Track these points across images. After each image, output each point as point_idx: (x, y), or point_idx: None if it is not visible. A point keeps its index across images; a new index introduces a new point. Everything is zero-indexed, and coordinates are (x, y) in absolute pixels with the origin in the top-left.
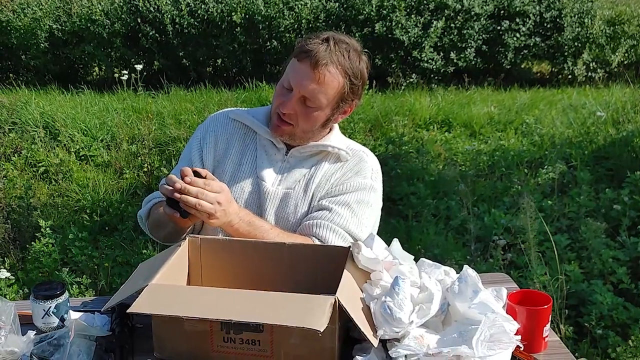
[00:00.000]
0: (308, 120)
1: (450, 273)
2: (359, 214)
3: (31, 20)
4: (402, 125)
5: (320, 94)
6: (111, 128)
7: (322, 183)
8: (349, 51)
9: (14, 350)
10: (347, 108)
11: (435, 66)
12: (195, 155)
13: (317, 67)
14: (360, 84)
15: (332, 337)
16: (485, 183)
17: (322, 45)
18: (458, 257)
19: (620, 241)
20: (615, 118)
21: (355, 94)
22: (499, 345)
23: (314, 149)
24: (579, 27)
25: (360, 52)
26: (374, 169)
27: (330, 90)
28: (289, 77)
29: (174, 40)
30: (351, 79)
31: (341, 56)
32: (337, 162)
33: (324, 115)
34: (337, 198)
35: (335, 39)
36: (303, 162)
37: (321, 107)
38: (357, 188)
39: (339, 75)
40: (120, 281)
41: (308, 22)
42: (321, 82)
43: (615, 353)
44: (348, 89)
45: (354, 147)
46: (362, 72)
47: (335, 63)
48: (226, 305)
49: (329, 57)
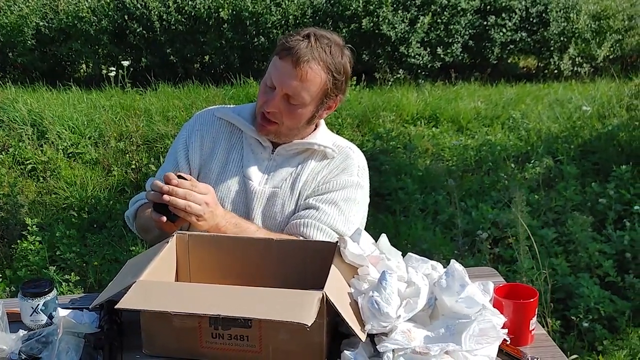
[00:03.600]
0: (293, 117)
1: (438, 267)
2: (346, 211)
3: (18, 17)
4: (390, 120)
5: (303, 91)
6: (99, 125)
7: (309, 181)
8: (330, 46)
9: (2, 348)
10: (331, 103)
11: (422, 61)
12: (181, 155)
13: (299, 64)
14: (343, 79)
15: (320, 331)
16: (472, 178)
17: (303, 42)
18: (446, 252)
19: (607, 234)
20: (601, 112)
21: (339, 89)
22: (486, 340)
23: (300, 146)
24: (564, 21)
25: (343, 46)
26: (360, 165)
27: (313, 86)
28: (272, 76)
29: (161, 37)
30: (334, 75)
31: (322, 52)
32: (323, 159)
33: (308, 111)
34: (324, 196)
35: (316, 35)
36: (289, 160)
37: (305, 104)
38: (344, 186)
39: (321, 72)
40: (109, 278)
41: (295, 18)
42: (303, 79)
43: (602, 346)
44: (331, 85)
45: (340, 144)
46: (345, 66)
47: (316, 59)
48: (214, 300)
49: (310, 53)
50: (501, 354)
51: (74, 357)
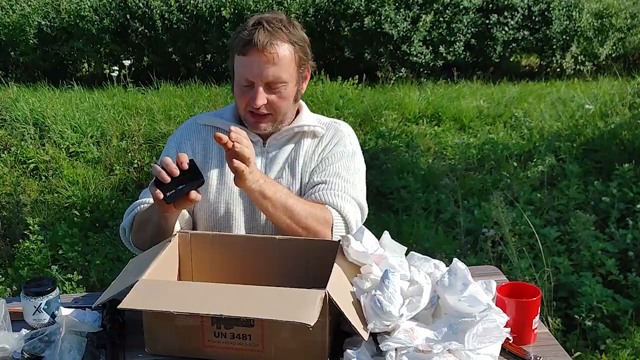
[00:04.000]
0: (283, 100)
1: (440, 266)
2: (351, 179)
3: (20, 16)
4: (392, 119)
5: (280, 72)
6: (101, 124)
7: (307, 162)
8: (280, 21)
9: (5, 347)
10: (306, 73)
11: (425, 60)
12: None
13: (266, 50)
14: (305, 45)
15: (323, 331)
16: (474, 176)
17: (257, 29)
18: (448, 251)
19: (609, 233)
20: (603, 111)
21: (307, 55)
22: (489, 338)
23: (290, 132)
24: (567, 20)
25: (289, 18)
26: (350, 134)
27: (287, 63)
28: (244, 75)
29: (163, 35)
30: (297, 44)
31: (278, 30)
32: (314, 138)
33: (292, 88)
34: (326, 171)
35: (265, 19)
36: (282, 148)
37: (287, 82)
38: (341, 157)
39: (287, 47)
40: (111, 277)
41: (297, 17)
42: (276, 61)
43: (605, 345)
44: (299, 52)
45: (326, 120)
46: (301, 34)
47: (278, 38)
48: (217, 300)
49: (270, 35)
50: (504, 353)
51: (77, 356)
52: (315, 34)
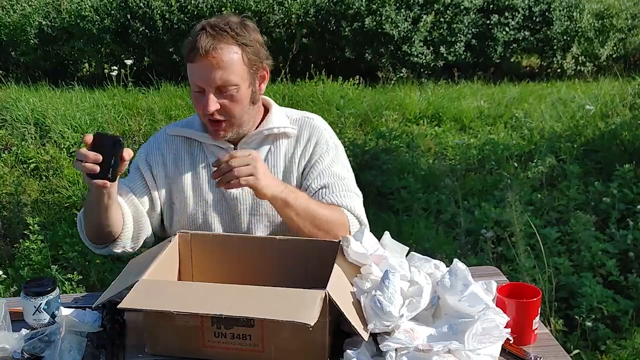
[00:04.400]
0: (236, 104)
1: (440, 267)
2: (346, 174)
3: (20, 16)
4: (393, 119)
5: (228, 75)
6: (102, 124)
7: (289, 165)
8: (227, 24)
9: (5, 347)
10: (262, 72)
11: (425, 60)
12: (146, 171)
13: (209, 54)
14: (256, 45)
15: (323, 331)
16: (475, 177)
17: (201, 35)
18: (449, 251)
19: (610, 234)
20: (604, 111)
21: (259, 56)
22: (489, 339)
23: (259, 135)
24: (567, 20)
25: (241, 18)
26: (326, 128)
27: (235, 65)
28: (194, 81)
29: (163, 35)
30: (245, 44)
31: (222, 32)
32: (289, 138)
33: (246, 91)
34: (322, 174)
35: (209, 24)
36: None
37: (238, 85)
38: (329, 155)
39: (232, 48)
40: (111, 277)
41: (298, 17)
42: (221, 65)
43: (605, 345)
44: (249, 54)
45: (296, 116)
46: (251, 33)
47: (221, 41)
48: (217, 300)
49: (212, 39)
50: (504, 353)
51: (77, 356)
52: (316, 34)
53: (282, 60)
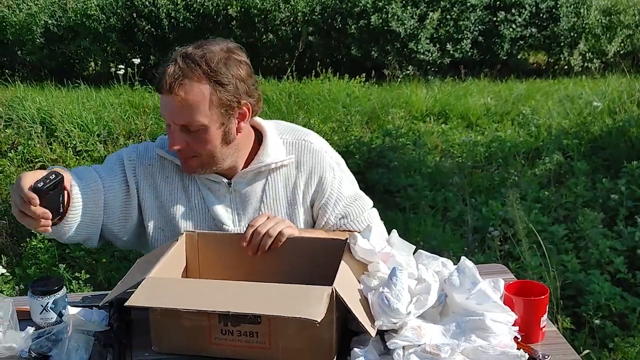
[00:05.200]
0: (204, 144)
1: (448, 264)
2: (353, 190)
3: (26, 15)
4: (399, 117)
5: (193, 114)
6: (108, 123)
7: (292, 197)
8: (202, 57)
9: (12, 346)
10: (241, 110)
11: (432, 58)
12: (131, 182)
13: (172, 90)
14: (234, 82)
15: (330, 327)
16: (482, 174)
17: (170, 67)
18: (456, 249)
19: (618, 231)
20: (611, 108)
21: (238, 94)
22: (497, 337)
23: (254, 170)
24: (574, 17)
25: (226, 50)
26: (322, 146)
27: (200, 104)
28: (163, 113)
29: (169, 34)
30: (218, 82)
31: (193, 65)
32: (286, 168)
33: (216, 131)
34: (338, 204)
35: (183, 55)
36: (251, 187)
37: (205, 125)
38: (334, 180)
39: (199, 86)
40: (119, 276)
41: (304, 15)
42: (185, 103)
43: (613, 343)
44: (223, 93)
45: (291, 140)
46: (230, 69)
47: (187, 76)
48: (224, 297)
49: (179, 74)
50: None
51: (84, 355)
52: (322, 32)
53: (288, 59)
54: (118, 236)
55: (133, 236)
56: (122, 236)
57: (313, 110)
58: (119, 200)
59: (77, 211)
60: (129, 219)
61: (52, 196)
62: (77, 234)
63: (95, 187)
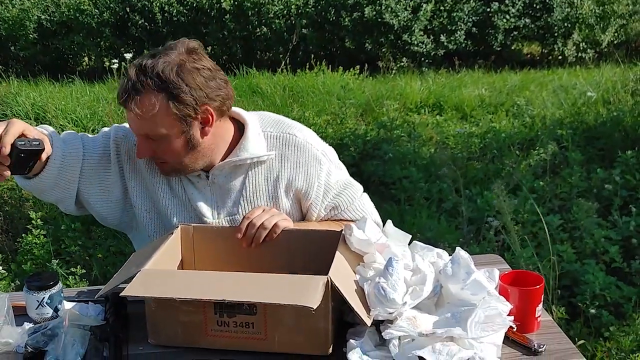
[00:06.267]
0: (168, 153)
1: (443, 255)
2: (341, 176)
3: (19, 11)
4: (394, 109)
5: (150, 126)
6: (102, 118)
7: (274, 191)
8: (154, 69)
9: (8, 341)
10: (201, 117)
11: (426, 49)
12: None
13: (127, 104)
14: (187, 89)
15: (326, 317)
16: (477, 165)
17: (124, 82)
18: (451, 240)
19: (612, 221)
20: (605, 98)
21: (193, 102)
22: (492, 327)
23: (231, 164)
24: (568, 7)
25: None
26: (307, 139)
27: (156, 117)
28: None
29: (163, 28)
30: (171, 91)
31: (144, 79)
32: (268, 162)
33: (177, 141)
34: (325, 196)
35: (140, 65)
36: (231, 180)
37: (165, 135)
38: (322, 171)
39: (151, 99)
40: (114, 271)
41: (297, 8)
42: (140, 116)
43: (609, 332)
44: (177, 103)
45: (275, 133)
46: (184, 77)
47: (138, 90)
48: (219, 286)
49: (131, 88)
50: (507, 341)
51: (80, 349)
52: (315, 25)
53: (282, 52)
54: (96, 208)
55: (116, 212)
56: (102, 210)
57: (307, 103)
58: (96, 170)
59: (54, 171)
60: (108, 193)
61: (23, 158)
62: (52, 194)
63: (75, 153)
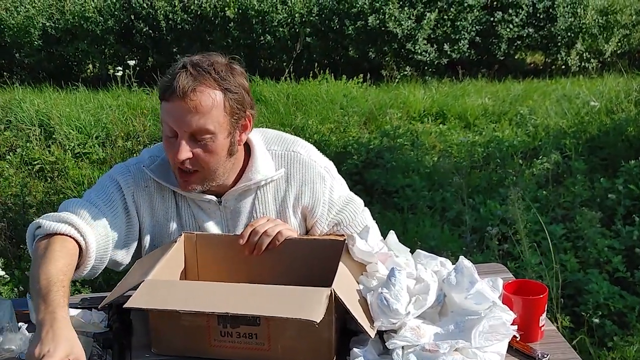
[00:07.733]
0: (210, 155)
1: (446, 264)
2: (343, 192)
3: (24, 18)
4: (397, 117)
5: (205, 121)
6: (106, 125)
7: (282, 210)
8: (212, 66)
9: (11, 348)
10: (244, 122)
11: (429, 58)
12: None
13: (187, 96)
14: (242, 91)
15: (329, 328)
16: (480, 174)
17: (181, 74)
18: (454, 249)
19: (616, 230)
20: (609, 107)
21: (243, 104)
22: (495, 336)
23: (244, 187)
24: (571, 17)
25: (228, 62)
26: (311, 156)
27: (214, 111)
28: (167, 123)
29: (167, 36)
30: (228, 89)
31: (205, 73)
32: (275, 182)
33: (224, 141)
34: (329, 212)
35: (192, 62)
36: (241, 204)
37: (214, 134)
38: (325, 188)
39: (213, 92)
40: (117, 278)
41: (301, 16)
42: (199, 109)
43: (612, 342)
44: (232, 101)
45: (280, 151)
46: (237, 78)
47: (203, 83)
48: (222, 298)
49: (193, 80)
50: (511, 351)
51: None
52: (319, 33)
53: (285, 60)
54: (120, 263)
55: (132, 257)
56: (124, 261)
57: (311, 111)
58: (123, 232)
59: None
60: (132, 244)
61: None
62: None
63: (104, 232)
